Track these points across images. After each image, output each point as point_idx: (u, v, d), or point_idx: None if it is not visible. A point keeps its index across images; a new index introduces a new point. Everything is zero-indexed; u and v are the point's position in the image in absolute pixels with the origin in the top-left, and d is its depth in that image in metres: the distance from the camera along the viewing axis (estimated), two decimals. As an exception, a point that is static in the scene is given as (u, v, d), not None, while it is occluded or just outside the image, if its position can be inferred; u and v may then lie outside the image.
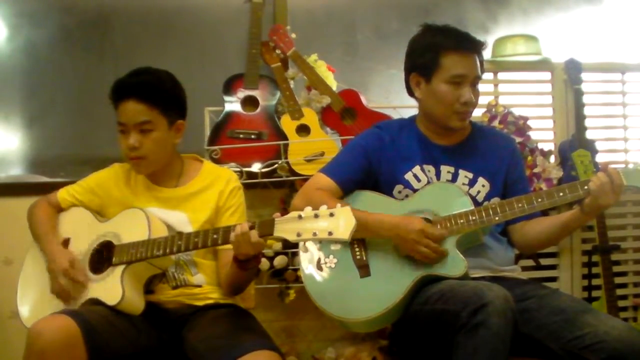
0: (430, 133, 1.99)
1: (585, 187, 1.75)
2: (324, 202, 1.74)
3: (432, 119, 1.96)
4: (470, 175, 1.95)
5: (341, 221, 1.50)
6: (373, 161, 1.97)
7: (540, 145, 2.68)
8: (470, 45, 1.90)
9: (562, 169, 2.64)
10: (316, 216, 1.53)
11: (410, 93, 2.00)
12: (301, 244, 1.86)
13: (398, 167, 1.95)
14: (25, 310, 1.92)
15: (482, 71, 1.93)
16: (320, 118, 2.62)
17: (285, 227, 1.57)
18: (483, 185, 1.94)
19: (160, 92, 1.89)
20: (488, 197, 1.93)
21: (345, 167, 1.97)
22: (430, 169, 1.95)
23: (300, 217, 1.55)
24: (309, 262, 1.89)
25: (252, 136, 2.55)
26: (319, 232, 1.52)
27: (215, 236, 1.74)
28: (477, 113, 2.06)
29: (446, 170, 1.95)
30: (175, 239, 1.78)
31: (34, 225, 2.01)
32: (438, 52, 1.88)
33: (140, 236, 1.82)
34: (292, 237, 1.55)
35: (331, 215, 1.52)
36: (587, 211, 1.77)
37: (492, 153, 1.99)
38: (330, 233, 1.50)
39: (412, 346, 1.91)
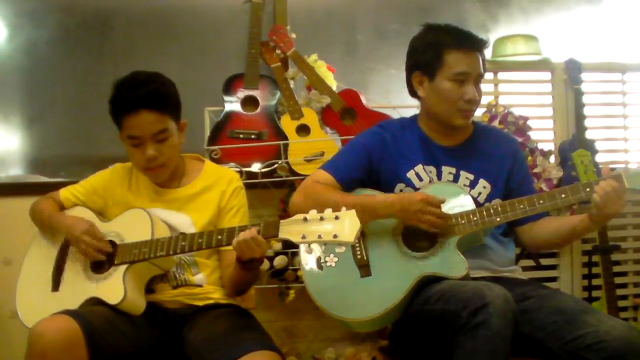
0: (432, 133, 1.99)
1: (588, 189, 1.74)
2: (322, 195, 1.74)
3: (435, 118, 1.96)
4: (472, 177, 1.94)
5: (346, 224, 1.50)
6: (374, 160, 1.96)
7: (540, 145, 2.68)
8: (473, 43, 1.89)
9: (562, 169, 2.64)
10: (321, 219, 1.53)
11: (412, 93, 2.00)
12: (305, 252, 1.87)
13: (400, 165, 1.95)
14: (24, 310, 1.92)
15: (485, 69, 1.93)
16: (320, 118, 2.62)
17: (290, 229, 1.58)
18: (484, 187, 1.94)
19: (167, 98, 1.87)
20: (489, 198, 1.92)
21: (346, 165, 1.97)
22: (432, 169, 1.95)
23: (305, 219, 1.55)
24: (309, 261, 1.89)
25: (252, 136, 2.55)
26: (323, 235, 1.52)
27: (219, 237, 1.73)
28: (477, 113, 2.07)
29: (447, 171, 1.95)
30: (179, 239, 1.78)
31: (38, 213, 2.00)
32: (441, 49, 1.88)
33: (143, 236, 1.82)
34: (296, 239, 1.55)
35: (336, 218, 1.52)
36: (596, 220, 1.77)
37: (494, 154, 1.99)
38: (335, 236, 1.50)
39: (412, 346, 1.91)
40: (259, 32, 2.72)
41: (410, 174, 1.94)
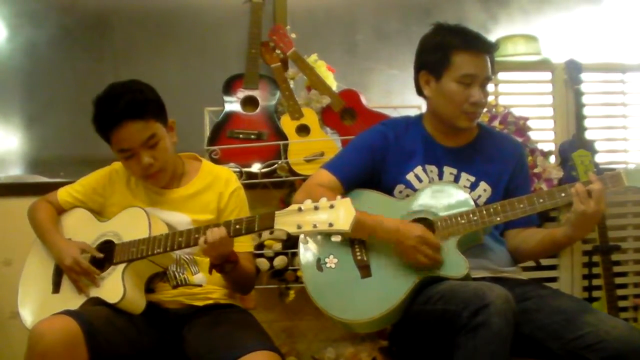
0: (436, 133, 1.99)
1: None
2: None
3: (440, 118, 1.96)
4: (473, 179, 1.94)
5: (341, 212, 1.51)
6: (377, 160, 1.96)
7: (540, 146, 2.68)
8: (481, 46, 1.89)
9: (563, 169, 2.64)
10: (316, 208, 1.53)
11: (419, 92, 1.99)
12: (302, 243, 1.87)
13: (401, 166, 1.95)
14: (26, 311, 1.92)
15: (493, 72, 1.92)
16: (320, 118, 2.62)
17: (286, 220, 1.57)
18: (484, 190, 1.94)
19: (148, 104, 1.86)
20: (489, 202, 1.91)
21: (349, 164, 1.97)
22: (433, 169, 1.94)
23: (300, 209, 1.55)
24: (309, 262, 1.89)
25: (252, 136, 2.55)
26: (319, 224, 1.52)
27: None
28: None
29: (449, 171, 1.95)
30: (176, 235, 1.78)
31: (36, 225, 2.01)
32: (449, 50, 1.87)
33: (141, 235, 1.82)
34: (292, 230, 1.55)
35: (331, 207, 1.52)
36: (577, 225, 1.75)
37: (498, 158, 1.99)
38: (330, 224, 1.50)
39: (412, 346, 1.90)
40: (259, 32, 2.72)
41: (410, 176, 1.94)
